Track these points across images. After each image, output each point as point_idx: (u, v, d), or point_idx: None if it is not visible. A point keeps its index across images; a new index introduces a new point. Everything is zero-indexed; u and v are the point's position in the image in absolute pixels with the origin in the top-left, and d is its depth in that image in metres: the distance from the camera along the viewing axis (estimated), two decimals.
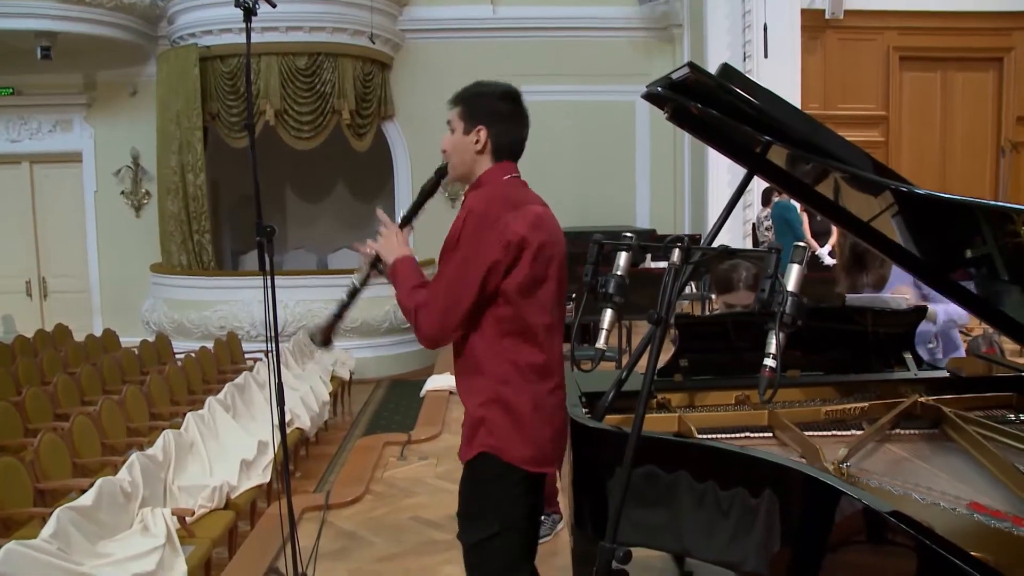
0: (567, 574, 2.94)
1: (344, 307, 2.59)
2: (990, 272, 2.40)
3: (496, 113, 2.42)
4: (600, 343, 1.90)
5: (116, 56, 11.53)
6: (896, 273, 3.61)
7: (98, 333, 9.90)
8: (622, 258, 1.89)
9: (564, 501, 3.91)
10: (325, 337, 2.61)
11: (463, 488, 2.43)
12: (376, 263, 2.51)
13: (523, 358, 2.33)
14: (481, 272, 2.25)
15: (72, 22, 10.37)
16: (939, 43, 11.30)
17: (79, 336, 9.65)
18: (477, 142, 2.40)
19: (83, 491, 4.22)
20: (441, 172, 2.52)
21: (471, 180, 2.46)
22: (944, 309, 3.51)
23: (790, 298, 1.56)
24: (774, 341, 1.57)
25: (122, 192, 12.14)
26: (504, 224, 2.27)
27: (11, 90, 11.80)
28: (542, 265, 2.32)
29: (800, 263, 1.60)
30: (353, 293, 2.58)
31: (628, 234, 1.94)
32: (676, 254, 1.77)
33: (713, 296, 8.56)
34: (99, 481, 4.14)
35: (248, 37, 3.36)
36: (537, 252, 2.30)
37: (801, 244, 1.62)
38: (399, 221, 2.55)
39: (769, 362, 1.58)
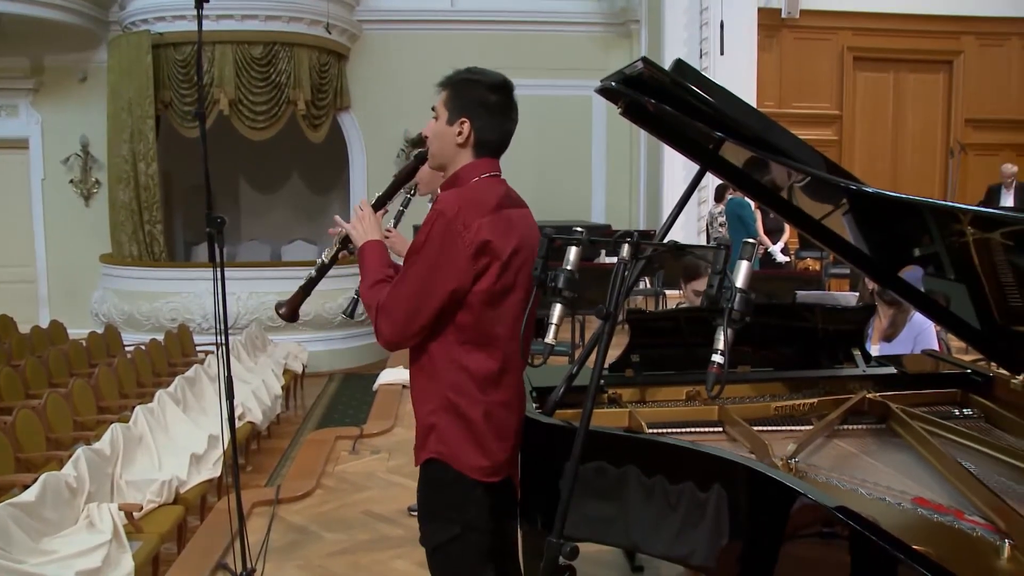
0: None
1: (312, 282, 2.55)
2: (937, 270, 2.44)
3: (484, 105, 2.25)
4: (549, 338, 1.89)
5: (65, 40, 11.27)
6: None
7: (45, 324, 9.69)
8: (572, 253, 1.88)
9: None
10: (292, 311, 2.55)
11: (420, 492, 2.35)
12: (346, 242, 2.45)
13: (479, 367, 2.23)
14: (447, 282, 2.14)
15: (17, 3, 10.09)
16: (892, 44, 11.50)
17: (24, 328, 9.43)
18: (460, 134, 2.24)
19: (26, 487, 4.13)
20: (421, 158, 2.41)
21: (447, 172, 2.32)
22: None
23: (738, 294, 1.57)
24: (722, 337, 1.58)
25: (71, 180, 11.89)
26: (475, 231, 2.14)
27: None
28: (511, 274, 2.22)
29: (749, 259, 1.60)
30: (322, 269, 2.52)
31: (578, 229, 1.93)
32: (625, 249, 1.76)
33: (681, 285, 8.62)
34: (43, 476, 4.06)
35: (200, 24, 3.32)
36: (507, 261, 2.19)
37: (751, 240, 1.63)
38: (373, 202, 2.47)
39: (716, 358, 1.58)
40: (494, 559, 2.35)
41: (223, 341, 3.22)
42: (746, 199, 8.53)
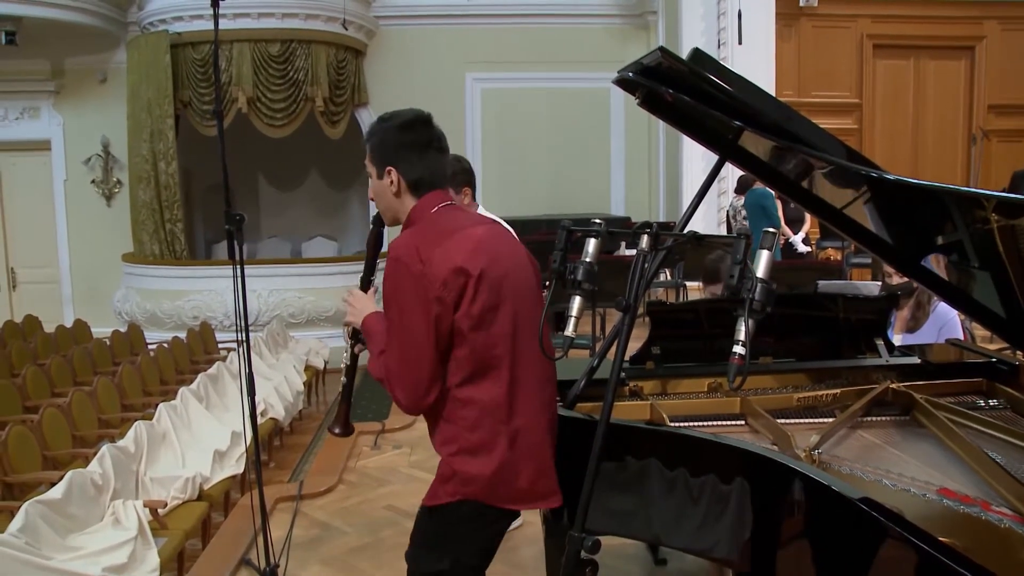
0: (540, 562, 2.93)
1: (348, 388, 2.60)
2: (960, 258, 2.41)
3: (401, 147, 2.26)
4: (569, 331, 1.88)
5: (84, 42, 11.35)
6: None
7: (69, 324, 9.77)
8: (591, 244, 1.87)
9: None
10: (344, 426, 2.61)
11: (421, 521, 2.33)
12: (356, 336, 2.45)
13: (489, 397, 2.17)
14: (427, 320, 2.11)
15: (38, 6, 10.17)
16: (912, 31, 11.38)
17: (49, 327, 9.52)
18: (392, 183, 2.27)
19: (53, 484, 4.17)
20: (378, 222, 2.44)
21: (402, 222, 2.33)
22: None
23: (759, 284, 1.55)
24: (743, 328, 1.56)
25: (92, 181, 11.98)
26: (437, 261, 2.12)
27: None
28: (490, 292, 2.15)
29: (770, 249, 1.59)
30: (349, 372, 2.57)
31: (597, 220, 1.91)
32: (644, 240, 1.75)
33: (700, 286, 8.60)
34: (69, 474, 4.09)
35: (216, 23, 3.32)
36: (479, 279, 2.13)
37: (771, 230, 1.61)
38: (360, 286, 2.49)
39: (738, 349, 1.56)
40: None
41: (244, 338, 3.23)
42: (768, 189, 8.48)
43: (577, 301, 1.87)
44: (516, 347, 2.20)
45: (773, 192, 8.47)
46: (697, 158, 9.72)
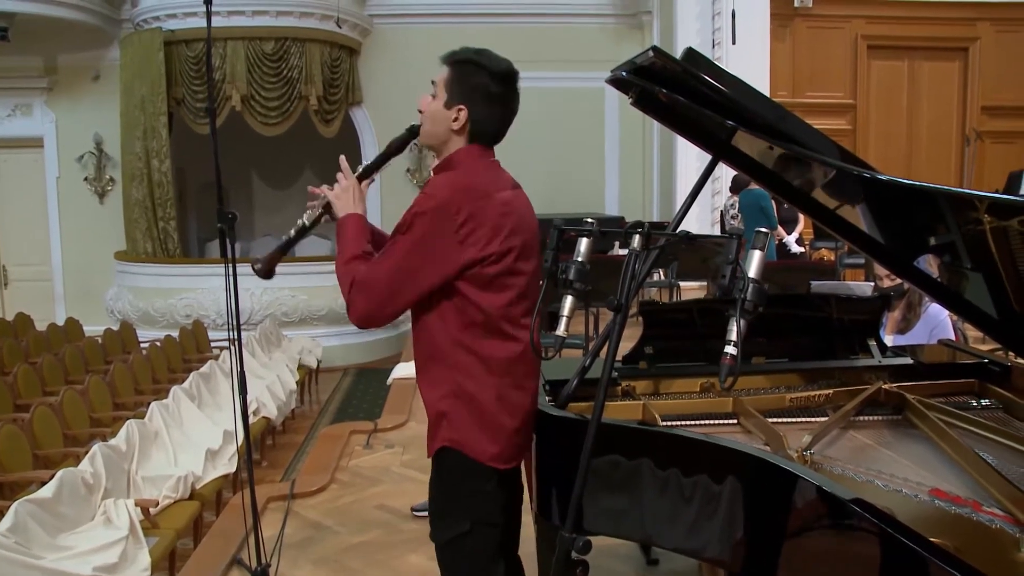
0: (532, 561, 2.93)
1: (290, 242, 2.48)
2: (953, 260, 2.40)
3: (486, 95, 2.19)
4: (560, 330, 1.88)
5: (78, 39, 11.33)
6: None
7: (61, 322, 9.75)
8: (583, 244, 1.86)
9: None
10: (268, 269, 2.49)
11: (431, 485, 2.30)
12: (328, 207, 2.37)
13: (487, 350, 2.17)
14: (434, 267, 2.09)
15: (30, 2, 10.17)
16: (906, 32, 11.40)
17: (41, 325, 9.51)
18: (456, 120, 2.19)
19: (43, 483, 4.16)
20: (412, 132, 2.34)
21: (440, 154, 2.27)
22: None
23: (751, 284, 1.55)
24: (735, 328, 1.56)
25: (85, 178, 11.96)
26: (467, 215, 2.08)
27: None
28: (511, 257, 2.15)
29: (762, 249, 1.58)
30: (300, 231, 2.45)
31: (589, 220, 1.91)
32: (636, 240, 1.75)
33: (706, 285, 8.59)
34: (60, 473, 4.08)
35: (208, 20, 3.31)
36: (505, 243, 2.13)
37: (763, 230, 1.61)
38: (359, 172, 2.39)
39: (730, 349, 1.56)
40: (504, 554, 2.33)
41: (236, 337, 3.22)
42: (764, 190, 8.47)
43: (569, 300, 1.87)
44: (523, 311, 2.20)
45: (768, 192, 8.47)
46: (692, 158, 9.71)
